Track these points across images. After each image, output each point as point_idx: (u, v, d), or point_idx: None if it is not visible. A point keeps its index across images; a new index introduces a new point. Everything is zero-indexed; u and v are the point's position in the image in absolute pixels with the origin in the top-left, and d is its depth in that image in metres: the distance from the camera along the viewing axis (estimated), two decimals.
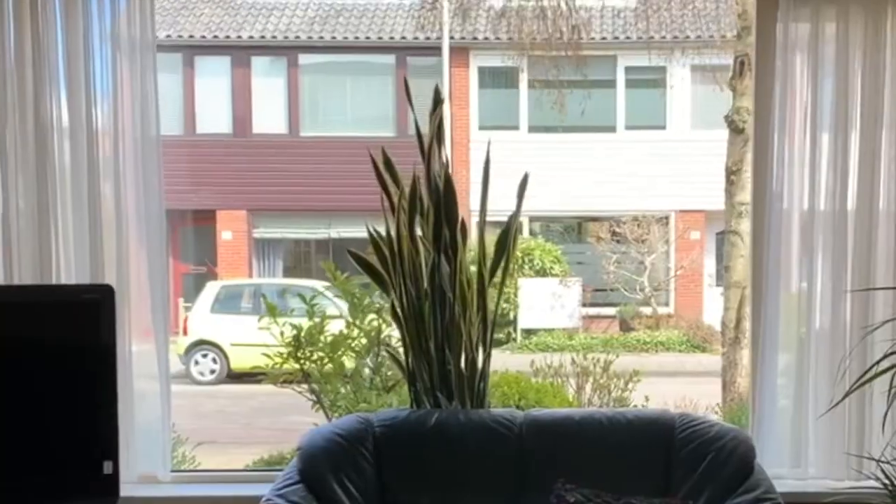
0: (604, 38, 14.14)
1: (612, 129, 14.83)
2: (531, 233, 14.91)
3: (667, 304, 14.51)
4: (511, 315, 13.30)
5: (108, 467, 3.64)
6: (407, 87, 4.33)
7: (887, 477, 3.53)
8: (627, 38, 14.04)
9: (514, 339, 13.16)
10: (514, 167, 15.44)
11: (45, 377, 3.66)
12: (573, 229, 15.31)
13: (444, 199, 4.00)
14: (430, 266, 3.96)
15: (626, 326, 13.88)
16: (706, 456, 3.62)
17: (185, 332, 12.15)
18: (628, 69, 14.66)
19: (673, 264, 14.58)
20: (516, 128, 14.89)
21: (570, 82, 14.36)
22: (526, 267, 13.60)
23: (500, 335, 13.20)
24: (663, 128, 14.85)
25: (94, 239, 4.17)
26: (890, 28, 3.89)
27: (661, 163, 14.21)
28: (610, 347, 10.79)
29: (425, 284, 3.99)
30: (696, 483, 3.60)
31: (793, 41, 3.93)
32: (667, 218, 14.49)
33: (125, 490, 3.77)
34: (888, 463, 3.65)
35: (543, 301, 13.45)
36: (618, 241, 14.21)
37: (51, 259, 4.12)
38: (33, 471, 3.63)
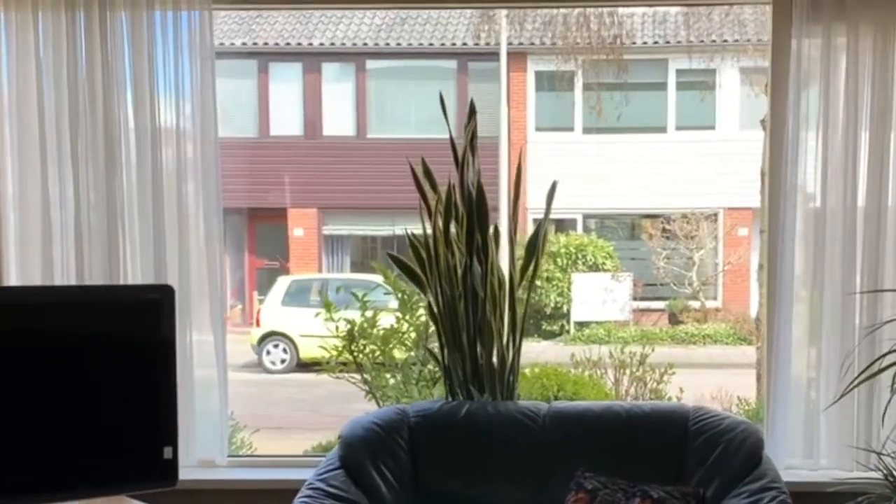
0: (656, 43, 14.06)
1: (664, 129, 14.65)
2: (585, 229, 14.82)
3: (715, 299, 14.30)
4: (564, 308, 13.28)
5: (167, 452, 3.68)
6: (442, 102, 4.41)
7: (887, 468, 3.52)
8: (679, 42, 13.92)
9: (568, 332, 13.09)
10: (569, 167, 15.44)
11: (111, 369, 3.72)
12: (627, 226, 15.18)
13: (476, 207, 4.04)
14: (464, 268, 3.99)
15: (674, 320, 13.72)
16: (717, 447, 3.64)
17: (257, 324, 12.29)
18: (679, 72, 14.43)
19: (721, 260, 14.36)
20: (571, 129, 14.78)
21: (621, 85, 14.40)
22: (579, 262, 13.54)
23: (553, 327, 13.40)
24: (713, 128, 14.64)
25: (158, 238, 4.22)
26: None
27: (710, 162, 14.03)
28: (648, 340, 10.72)
29: (459, 285, 4.01)
30: (707, 472, 3.62)
31: (806, 55, 3.91)
32: (715, 215, 14.28)
33: (185, 473, 3.81)
34: (888, 455, 3.61)
35: (595, 295, 13.33)
36: (668, 238, 14.03)
37: (119, 258, 4.20)
38: (99, 455, 3.69)
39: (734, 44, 12.48)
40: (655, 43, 14.00)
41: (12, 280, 4.14)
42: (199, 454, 4.15)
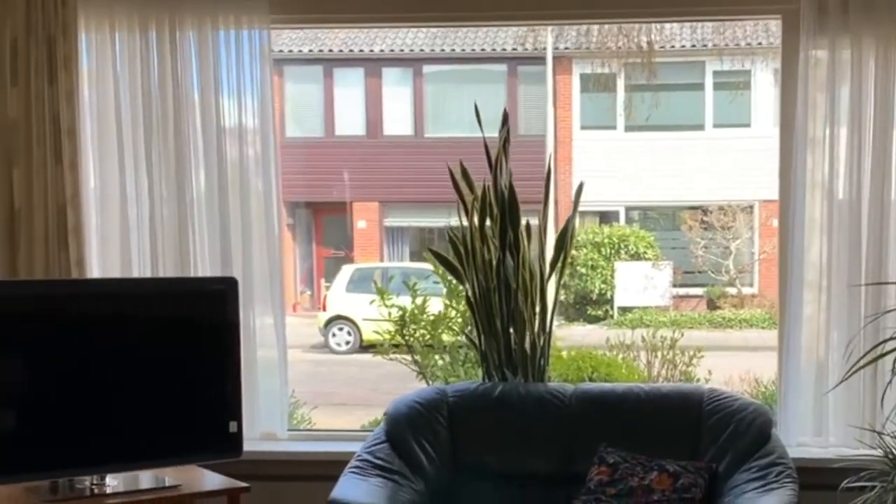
0: (693, 46, 13.93)
1: (702, 127, 14.48)
2: (628, 220, 14.72)
3: (751, 285, 14.11)
4: (608, 294, 13.23)
5: (233, 426, 3.79)
6: (477, 110, 4.44)
7: (887, 447, 3.52)
8: (715, 45, 13.77)
9: (612, 316, 13.01)
10: (612, 163, 15.39)
11: (183, 352, 3.83)
12: (667, 217, 15.02)
13: (508, 205, 4.07)
14: (497, 261, 4.02)
15: (712, 305, 13.59)
16: (729, 426, 3.66)
17: (324, 309, 12.33)
18: (715, 73, 14.27)
19: (757, 249, 14.20)
20: (614, 127, 14.69)
21: (662, 86, 14.25)
22: (622, 252, 13.45)
23: (598, 312, 13.33)
24: (748, 125, 14.46)
25: (224, 230, 4.27)
26: None
27: (745, 157, 13.82)
28: (687, 325, 10.65)
29: (493, 277, 4.03)
30: (719, 449, 3.64)
31: (813, 64, 3.90)
32: (751, 207, 14.10)
33: (249, 445, 3.89)
34: (888, 435, 3.61)
35: (637, 282, 13.24)
36: (706, 228, 13.92)
37: (188, 249, 4.25)
38: (173, 429, 3.80)
39: (758, 47, 12.36)
40: (693, 46, 13.88)
41: (94, 271, 4.22)
42: (261, 428, 4.20)
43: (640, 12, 4.44)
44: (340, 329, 12.18)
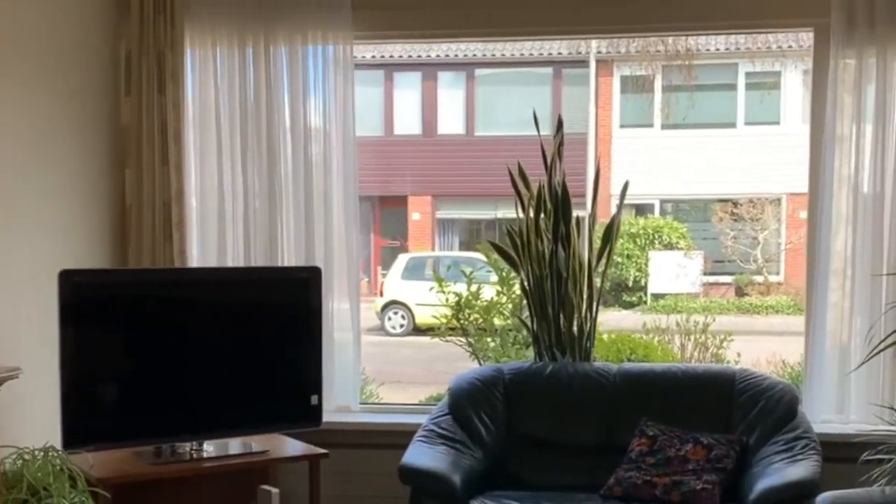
0: (727, 49, 13.75)
1: (733, 125, 14.25)
2: (662, 212, 14.53)
3: (777, 274, 13.83)
4: (642, 282, 13.08)
5: (314, 400, 3.92)
6: (535, 118, 4.45)
7: None
8: (748, 48, 13.58)
9: (645, 302, 12.87)
10: (648, 159, 15.18)
11: (271, 333, 3.94)
12: (699, 209, 14.78)
13: (561, 202, 4.10)
14: (550, 253, 4.05)
15: (740, 292, 13.38)
16: (758, 403, 3.68)
17: (381, 294, 12.28)
18: (748, 74, 14.04)
19: (783, 239, 13.97)
20: (651, 125, 14.48)
21: (698, 86, 14.06)
22: (656, 242, 13.32)
23: (632, 298, 13.13)
24: (777, 123, 14.25)
25: (308, 222, 4.31)
26: None
27: (774, 153, 13.60)
28: (716, 311, 10.49)
29: (546, 266, 4.06)
30: (749, 424, 3.66)
31: (841, 70, 3.90)
32: (779, 200, 13.83)
33: (326, 417, 4.01)
34: None
35: (670, 270, 13.08)
36: (735, 220, 13.74)
37: (277, 240, 4.30)
38: (261, 401, 3.92)
39: (788, 50, 12.20)
40: (727, 49, 13.71)
41: (194, 261, 4.31)
42: (337, 402, 4.26)
43: (681, 26, 4.43)
44: (395, 313, 12.15)
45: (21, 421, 3.20)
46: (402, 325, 12.06)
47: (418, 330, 11.35)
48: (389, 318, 12.15)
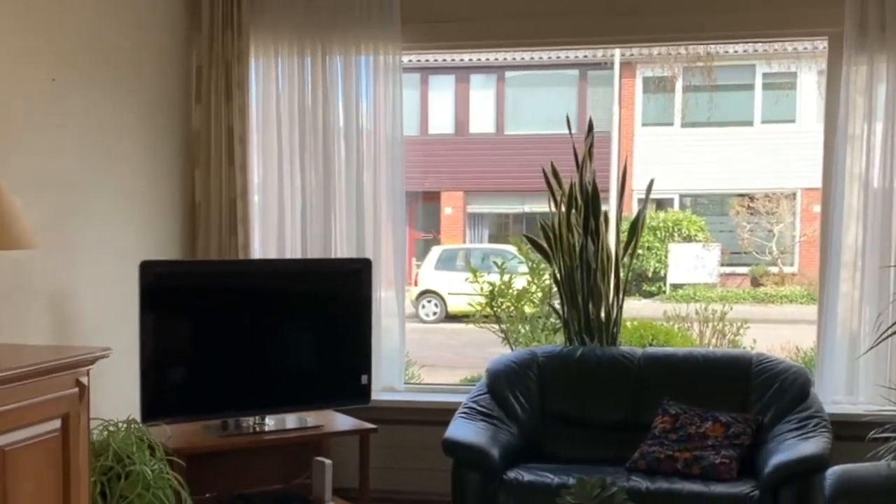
0: (745, 51, 13.61)
1: (751, 123, 14.02)
2: (682, 206, 14.31)
3: (792, 265, 13.58)
4: (662, 273, 12.94)
5: (364, 380, 3.99)
6: (568, 121, 4.45)
7: None
8: (765, 50, 13.44)
9: (664, 292, 12.66)
10: (669, 155, 14.94)
11: (326, 319, 4.03)
12: (717, 203, 14.53)
13: (591, 199, 4.17)
14: (580, 246, 4.11)
15: (756, 283, 13.18)
16: (773, 384, 3.72)
17: (415, 284, 12.11)
18: (765, 75, 13.83)
19: (798, 232, 13.80)
20: (671, 124, 14.30)
21: (717, 86, 13.74)
22: (675, 234, 13.14)
23: (652, 288, 12.91)
24: (793, 121, 14.07)
25: (359, 216, 4.38)
26: None
27: (790, 150, 13.43)
28: (732, 300, 10.28)
29: (577, 258, 4.12)
30: (764, 404, 3.71)
31: (854, 74, 3.89)
32: (794, 194, 13.58)
33: (374, 395, 4.09)
34: None
35: (689, 262, 12.89)
36: (751, 214, 13.53)
37: (331, 233, 4.37)
38: (316, 381, 4.01)
39: (803, 52, 12.04)
40: (745, 51, 13.57)
41: (256, 253, 4.38)
42: (383, 382, 4.32)
43: (702, 35, 4.45)
44: (429, 301, 12.06)
45: (106, 396, 3.28)
46: (435, 313, 11.97)
47: (450, 317, 11.34)
48: (423, 306, 12.04)
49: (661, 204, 14.26)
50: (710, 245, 13.26)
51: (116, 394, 3.60)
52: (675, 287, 12.76)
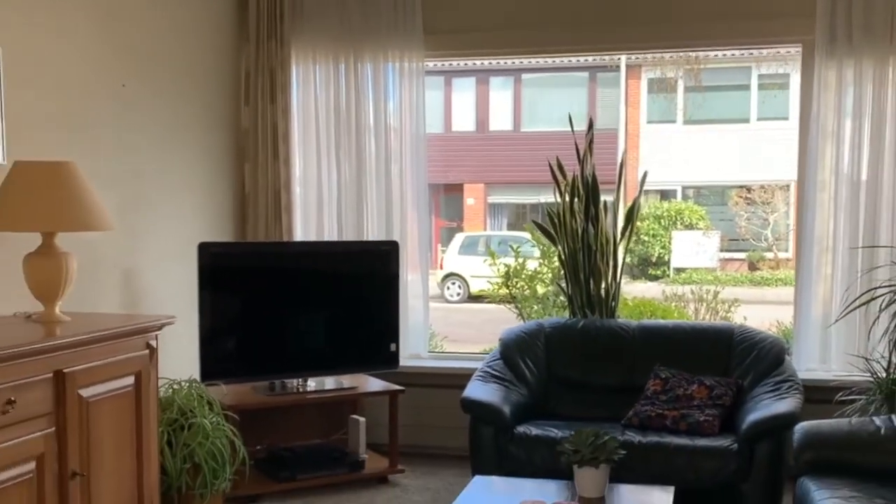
0: (742, 54, 13.43)
1: (747, 120, 13.80)
2: (684, 197, 14.14)
3: (786, 251, 13.31)
4: (666, 258, 12.78)
5: (392, 347, 4.12)
6: (571, 120, 4.46)
7: (872, 370, 3.54)
8: (760, 53, 13.32)
9: (668, 275, 12.59)
10: (672, 150, 14.72)
11: (360, 295, 4.14)
12: (717, 194, 14.34)
13: (591, 189, 4.18)
14: (582, 230, 4.15)
15: (753, 267, 13.06)
16: (752, 352, 3.73)
17: (440, 268, 12.07)
18: (760, 76, 13.59)
19: (791, 220, 13.67)
20: (674, 121, 14.12)
21: (715, 87, 13.63)
22: (678, 223, 12.99)
23: (657, 272, 12.74)
24: (786, 119, 13.84)
25: (388, 205, 4.43)
26: (891, 73, 3.88)
27: (783, 144, 13.23)
28: (731, 283, 10.28)
29: (579, 241, 4.15)
30: (744, 369, 3.72)
31: (825, 76, 3.92)
32: (788, 186, 13.38)
33: (402, 361, 4.20)
34: (874, 360, 3.59)
35: (690, 248, 12.74)
36: (749, 203, 13.43)
37: (364, 219, 4.44)
38: (352, 348, 4.11)
39: (797, 54, 11.91)
40: (742, 54, 13.36)
41: (298, 236, 4.46)
42: (410, 350, 4.42)
43: (693, 43, 4.41)
44: (453, 283, 12.01)
45: (170, 359, 3.39)
46: (458, 294, 11.90)
47: (472, 298, 11.30)
48: (448, 288, 11.99)
49: (665, 195, 14.11)
50: (710, 232, 13.14)
51: (179, 357, 3.70)
52: (679, 271, 12.62)
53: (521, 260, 6.16)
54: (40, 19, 3.14)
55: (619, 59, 13.49)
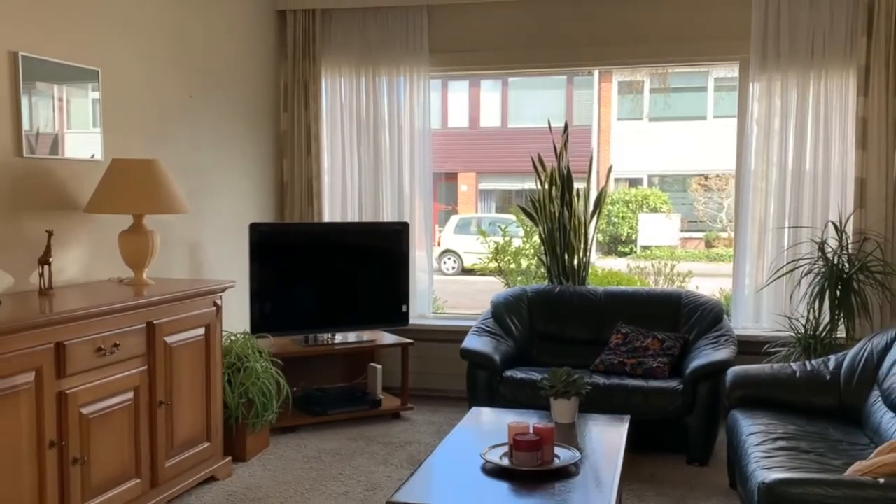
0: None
1: (705, 118, 13.80)
2: (650, 184, 14.05)
3: None
4: (634, 237, 12.81)
5: (403, 308, 4.24)
6: (549, 123, 4.47)
7: (794, 327, 3.79)
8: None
9: (636, 252, 12.48)
10: (639, 143, 14.72)
11: (378, 266, 4.25)
12: (678, 182, 14.34)
13: (566, 179, 4.28)
14: (559, 213, 4.25)
15: (709, 245, 12.99)
16: (696, 312, 3.85)
17: (438, 245, 11.99)
18: (717, 79, 13.52)
19: None
20: (640, 118, 14.12)
21: (677, 89, 13.66)
22: (644, 206, 13.00)
23: (626, 249, 12.66)
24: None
25: (400, 191, 4.50)
26: (812, 85, 3.99)
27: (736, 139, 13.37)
28: (682, 259, 10.13)
29: (556, 222, 4.25)
30: (690, 326, 3.84)
31: (757, 86, 4.04)
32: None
33: (411, 320, 4.31)
34: (795, 319, 3.85)
35: (654, 228, 12.76)
36: (706, 190, 13.37)
37: (380, 203, 4.54)
38: (370, 308, 4.22)
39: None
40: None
41: (326, 216, 4.59)
42: (418, 311, 4.55)
43: (651, 60, 4.48)
44: (449, 258, 11.92)
45: (227, 315, 3.55)
46: (453, 268, 11.88)
47: (465, 271, 11.35)
48: (444, 262, 11.90)
49: (633, 182, 14.06)
50: (672, 215, 13.11)
51: (234, 314, 3.91)
52: (645, 248, 12.56)
53: (507, 238, 6.25)
54: (128, 45, 3.33)
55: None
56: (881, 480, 1.97)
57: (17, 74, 2.76)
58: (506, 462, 2.37)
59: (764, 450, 2.56)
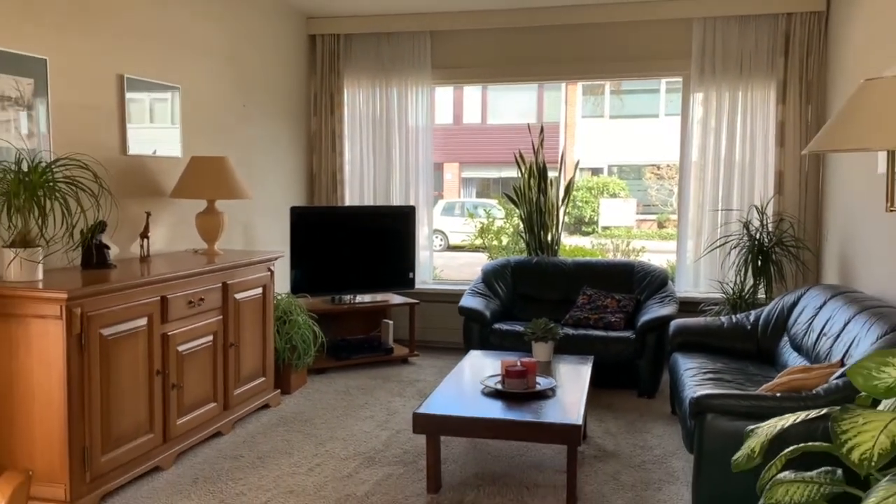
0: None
1: (657, 116, 13.75)
2: (609, 173, 14.04)
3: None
4: (595, 219, 12.84)
5: (410, 275, 4.41)
6: (529, 126, 4.76)
7: (725, 291, 3.98)
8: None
9: (597, 232, 12.47)
10: (600, 137, 14.83)
11: (389, 243, 4.41)
12: (635, 171, 14.14)
13: (541, 171, 4.44)
14: (536, 198, 4.43)
15: (661, 226, 12.95)
16: (647, 278, 4.07)
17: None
18: (668, 82, 13.01)
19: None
20: (602, 116, 14.17)
21: (632, 91, 13.67)
22: (605, 192, 13.08)
23: (589, 229, 12.60)
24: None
25: (408, 179, 4.61)
26: (741, 96, 4.15)
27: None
28: (636, 237, 10.13)
29: (534, 206, 4.43)
30: (641, 289, 4.06)
31: (697, 95, 4.20)
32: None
33: (417, 285, 4.50)
34: (726, 284, 4.06)
35: (614, 212, 12.79)
36: (659, 178, 13.43)
37: (391, 189, 4.67)
38: (384, 274, 4.37)
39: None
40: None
41: (347, 201, 4.76)
42: (421, 277, 4.74)
43: (610, 75, 4.56)
44: (437, 237, 11.32)
45: (276, 280, 3.72)
46: (440, 245, 11.74)
47: (451, 248, 11.49)
48: (432, 241, 11.81)
49: (596, 171, 14.08)
50: (629, 200, 13.13)
51: (278, 279, 4.10)
52: (605, 228, 12.65)
53: (491, 219, 6.49)
54: (200, 66, 3.56)
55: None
56: (778, 394, 2.20)
57: (123, 91, 3.04)
58: (500, 387, 2.68)
59: (696, 380, 2.76)
